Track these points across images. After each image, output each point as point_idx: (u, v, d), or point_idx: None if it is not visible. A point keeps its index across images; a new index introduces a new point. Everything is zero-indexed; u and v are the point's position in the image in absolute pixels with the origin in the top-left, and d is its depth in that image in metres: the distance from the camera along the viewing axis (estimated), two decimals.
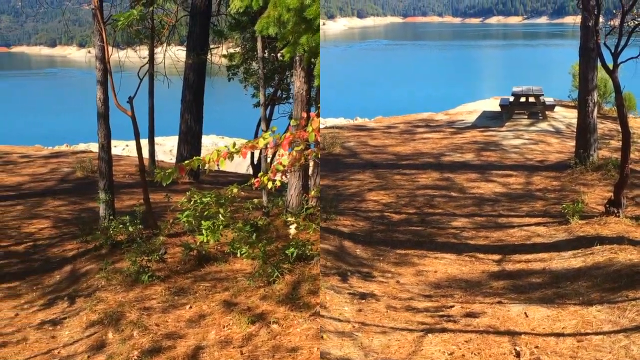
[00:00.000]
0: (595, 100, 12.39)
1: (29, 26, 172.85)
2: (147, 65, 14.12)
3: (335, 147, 14.78)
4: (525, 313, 6.48)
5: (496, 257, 8.44)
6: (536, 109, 17.55)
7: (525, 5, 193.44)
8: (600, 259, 7.79)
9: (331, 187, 11.72)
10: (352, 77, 63.26)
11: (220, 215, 7.80)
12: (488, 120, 17.70)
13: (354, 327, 6.27)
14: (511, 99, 17.88)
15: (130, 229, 8.85)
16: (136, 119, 9.39)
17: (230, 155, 5.35)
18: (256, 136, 13.82)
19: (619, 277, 7.12)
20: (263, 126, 10.49)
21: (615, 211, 9.37)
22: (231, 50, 15.45)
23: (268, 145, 5.44)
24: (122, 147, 22.46)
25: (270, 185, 5.73)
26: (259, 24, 7.68)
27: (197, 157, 5.52)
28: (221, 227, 7.75)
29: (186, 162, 5.52)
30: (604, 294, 6.82)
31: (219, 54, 15.93)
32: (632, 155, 10.37)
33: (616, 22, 9.45)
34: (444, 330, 6.17)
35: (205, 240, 7.62)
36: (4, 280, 8.50)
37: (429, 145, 15.22)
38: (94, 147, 21.69)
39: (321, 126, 7.27)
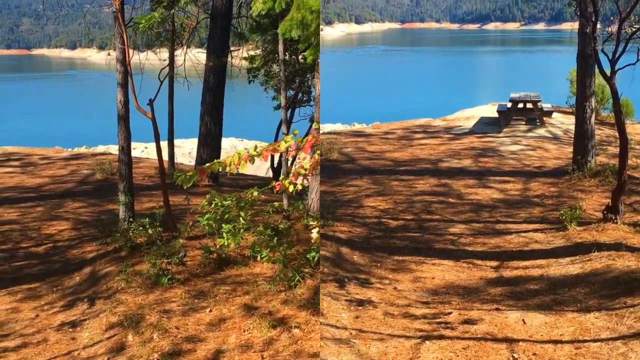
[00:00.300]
0: (593, 106, 12.39)
1: (49, 29, 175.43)
2: (167, 67, 14.09)
3: (333, 153, 14.78)
4: (523, 320, 6.46)
5: (494, 263, 8.42)
6: (534, 115, 17.57)
7: (523, 12, 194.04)
8: (598, 266, 7.78)
9: (328, 193, 11.70)
10: (350, 82, 63.38)
11: (241, 219, 7.76)
12: (486, 126, 17.72)
13: (351, 334, 6.25)
14: (509, 105, 17.89)
15: (150, 231, 8.83)
16: (156, 121, 9.38)
17: (251, 159, 5.33)
18: (276, 139, 13.83)
19: (616, 284, 7.11)
20: (284, 129, 10.47)
21: (613, 218, 9.36)
22: (252, 53, 15.41)
23: (289, 149, 5.41)
24: (141, 150, 22.52)
25: (291, 188, 5.70)
26: (282, 26, 7.62)
27: (218, 160, 5.50)
28: (242, 230, 7.71)
29: (207, 165, 5.50)
30: (602, 301, 6.80)
31: (239, 57, 15.88)
32: (629, 162, 10.37)
33: (614, 28, 9.46)
34: (441, 337, 6.15)
35: (225, 244, 7.59)
36: (24, 281, 8.51)
37: (426, 151, 15.23)
38: (113, 149, 21.91)
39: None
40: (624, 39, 9.24)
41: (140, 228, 8.97)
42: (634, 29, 9.40)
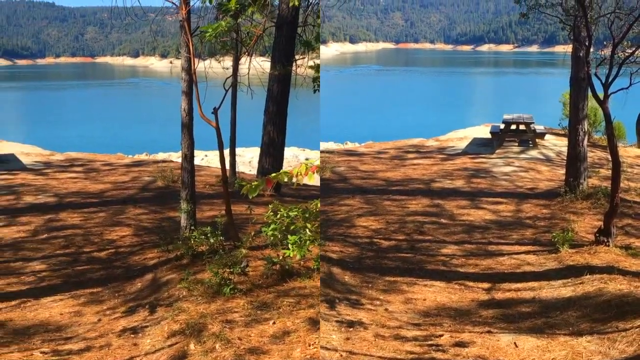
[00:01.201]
0: (586, 129, 12.43)
1: (113, 37, 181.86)
2: (231, 76, 14.03)
3: (325, 171, 14.75)
4: (514, 343, 6.41)
5: (486, 285, 8.38)
6: (527, 137, 17.63)
7: (516, 34, 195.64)
8: (590, 289, 7.75)
9: (320, 212, 11.65)
10: (343, 101, 63.51)
11: (307, 230, 7.66)
12: (479, 147, 17.75)
13: (341, 355, 6.18)
14: (502, 126, 17.95)
15: (212, 240, 8.77)
16: (220, 130, 9.32)
17: (319, 169, 5.30)
18: None
19: (608, 308, 7.08)
20: None
21: (605, 240, 9.35)
22: (317, 61, 15.35)
23: None
24: (201, 158, 22.50)
25: None
26: None
27: (285, 170, 5.47)
28: (308, 242, 7.62)
29: (273, 175, 5.45)
30: (593, 325, 6.77)
31: (304, 65, 15.78)
32: (621, 185, 10.37)
33: (607, 51, 9.51)
34: None
35: (291, 255, 7.50)
36: (87, 286, 8.55)
37: (419, 171, 15.22)
38: (174, 156, 21.98)
39: None
40: (617, 63, 9.28)
41: (202, 236, 8.90)
42: (627, 54, 9.45)
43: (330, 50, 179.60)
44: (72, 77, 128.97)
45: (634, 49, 9.52)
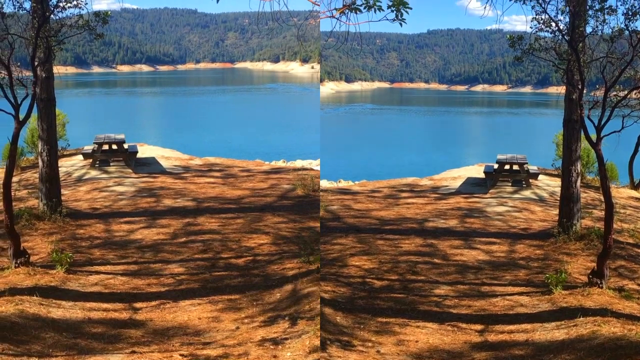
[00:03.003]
0: (579, 170, 12.48)
1: (253, 43, 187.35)
2: None
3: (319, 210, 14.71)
4: None
5: (479, 327, 8.31)
6: (520, 177, 17.66)
7: (510, 75, 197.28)
8: (584, 332, 7.69)
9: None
10: (337, 139, 63.75)
11: None
12: (472, 186, 17.76)
13: None
14: (496, 166, 17.98)
15: None
16: None
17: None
18: None
19: (602, 351, 7.02)
20: None
21: (598, 282, 9.32)
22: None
23: None
24: None
25: None
26: None
27: None
28: None
29: None
30: None
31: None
32: (614, 226, 10.37)
33: (599, 94, 9.59)
34: None
35: None
36: (224, 292, 8.60)
37: (412, 210, 15.19)
38: (314, 164, 21.93)
39: None
40: (609, 106, 9.36)
41: None
42: (619, 97, 9.53)
43: (325, 89, 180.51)
44: (211, 82, 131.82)
45: (626, 92, 9.60)
